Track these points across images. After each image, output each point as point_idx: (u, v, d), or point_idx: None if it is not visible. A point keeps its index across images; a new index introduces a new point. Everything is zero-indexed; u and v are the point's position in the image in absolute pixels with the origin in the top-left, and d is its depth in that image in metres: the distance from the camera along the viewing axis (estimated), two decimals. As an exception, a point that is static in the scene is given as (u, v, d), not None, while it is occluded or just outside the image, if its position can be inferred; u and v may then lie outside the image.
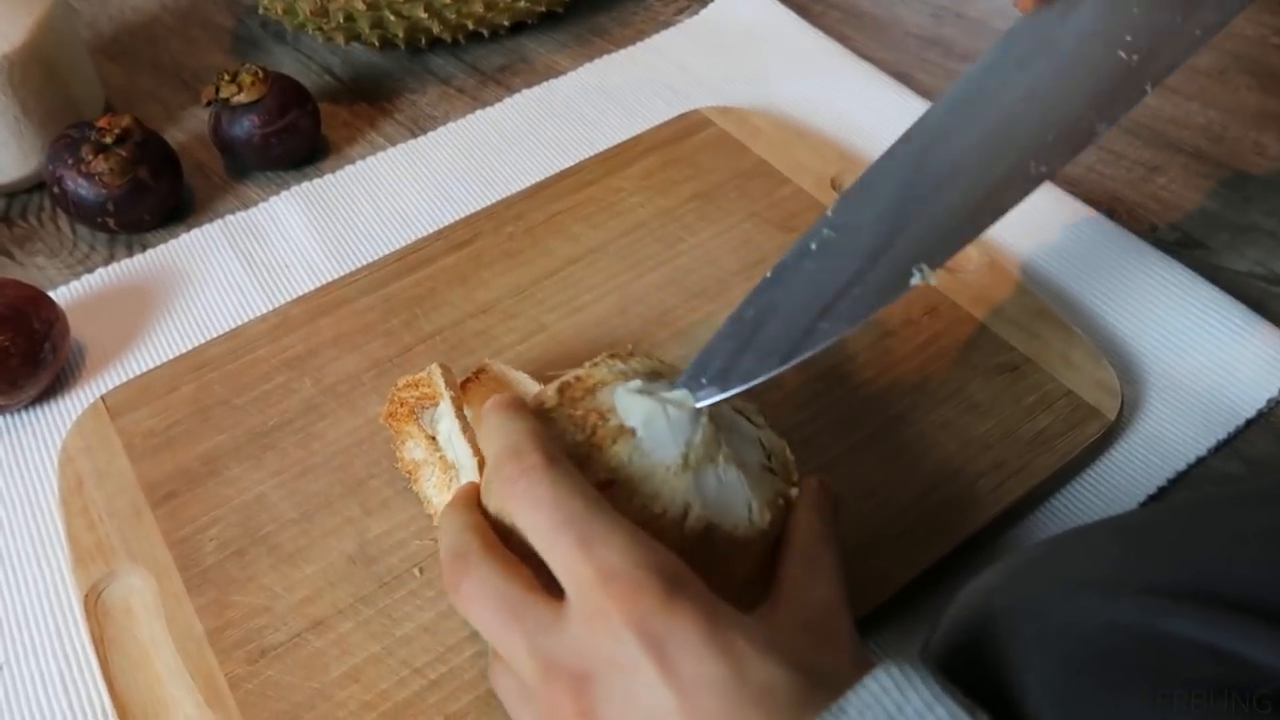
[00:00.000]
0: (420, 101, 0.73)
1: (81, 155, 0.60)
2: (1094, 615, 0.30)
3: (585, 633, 0.28)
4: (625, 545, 0.29)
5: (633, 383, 0.35)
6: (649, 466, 0.34)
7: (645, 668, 0.27)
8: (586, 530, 0.29)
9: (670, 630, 0.27)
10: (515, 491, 0.31)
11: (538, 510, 0.30)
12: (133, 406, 0.50)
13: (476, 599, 0.31)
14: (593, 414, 0.35)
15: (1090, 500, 0.47)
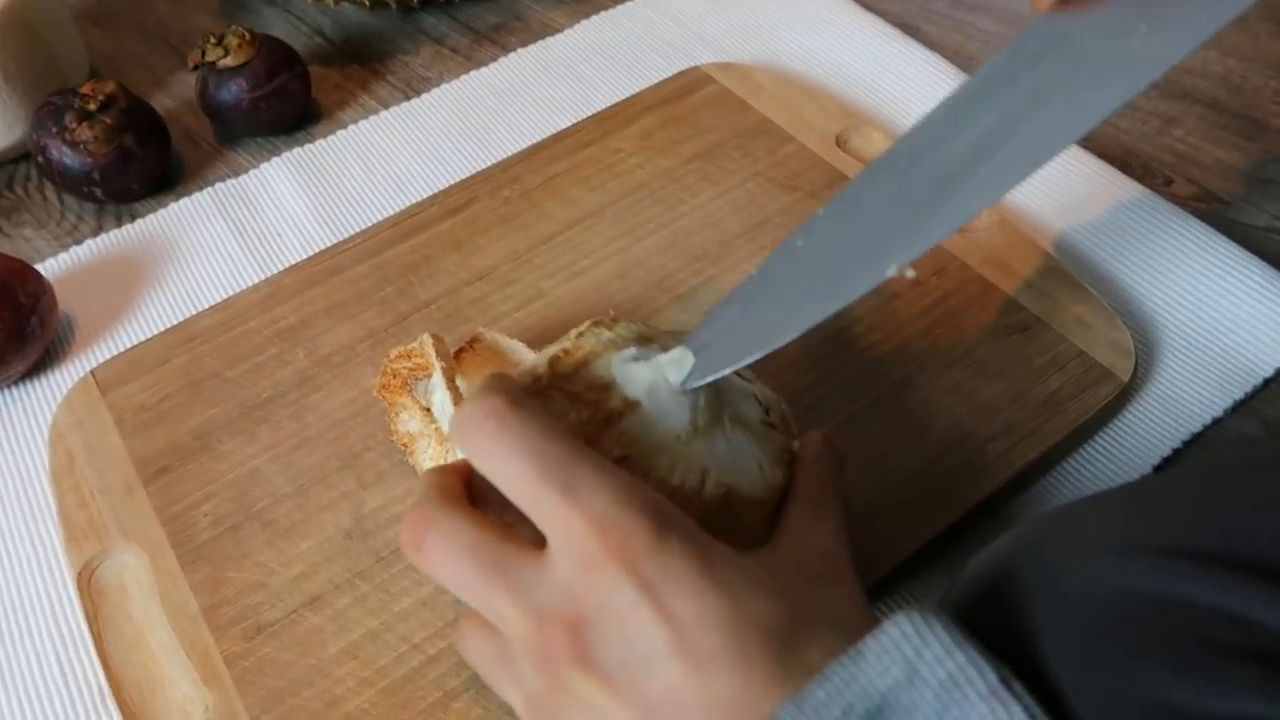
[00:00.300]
0: (413, 62, 0.71)
1: (65, 123, 0.58)
2: (1111, 580, 0.29)
3: (578, 579, 0.27)
4: (613, 490, 0.27)
5: (627, 351, 0.34)
6: (660, 437, 0.32)
7: (642, 610, 0.26)
8: (570, 477, 0.28)
9: (664, 571, 0.27)
10: (482, 436, 0.28)
11: (512, 458, 0.28)
12: (123, 381, 0.49)
13: (445, 554, 0.29)
14: (593, 389, 0.33)
15: (1104, 464, 0.45)
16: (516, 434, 0.28)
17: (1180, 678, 0.26)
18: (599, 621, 0.27)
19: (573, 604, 0.27)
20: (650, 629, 0.26)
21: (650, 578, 0.26)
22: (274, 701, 0.39)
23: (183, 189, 0.63)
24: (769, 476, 0.33)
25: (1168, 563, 0.28)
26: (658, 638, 0.26)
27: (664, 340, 0.36)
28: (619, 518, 0.27)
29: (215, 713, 0.39)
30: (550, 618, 0.27)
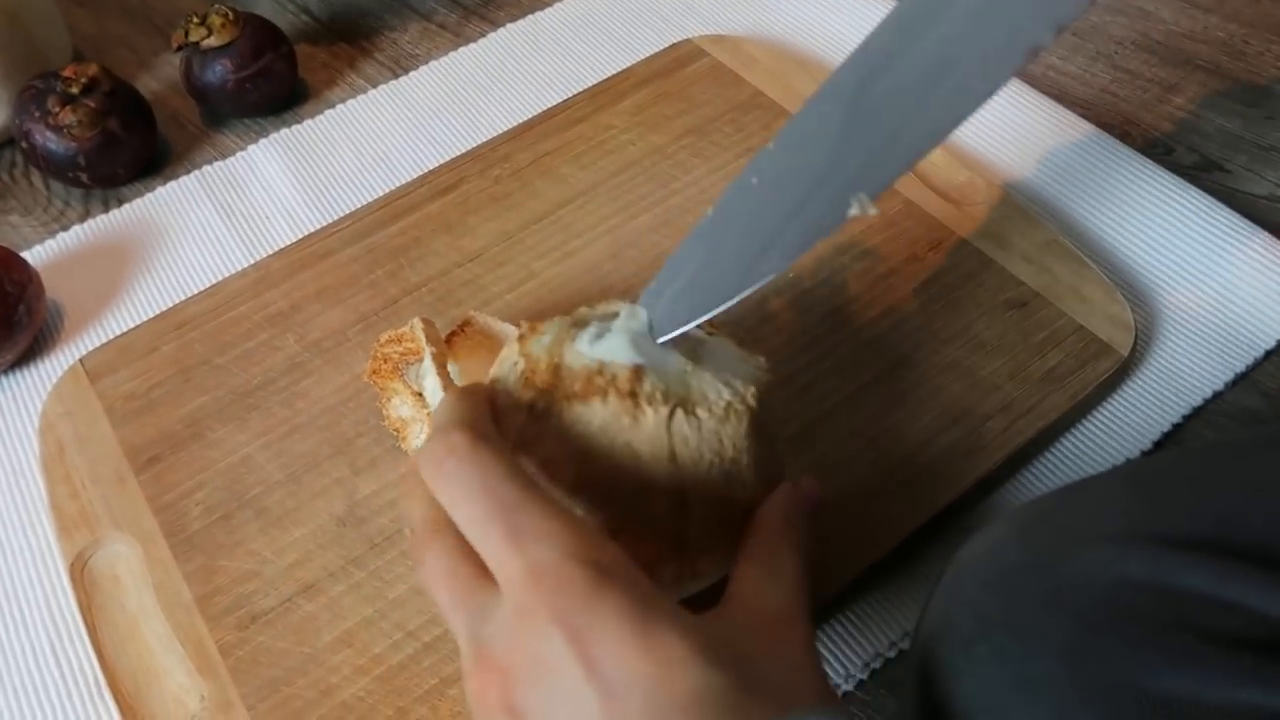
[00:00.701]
0: (401, 40, 0.70)
1: (48, 108, 0.57)
2: (1105, 570, 0.29)
3: (514, 627, 0.27)
4: (556, 536, 0.27)
5: (588, 330, 0.34)
6: (677, 380, 0.33)
7: (570, 667, 0.26)
8: (516, 522, 0.27)
9: (595, 627, 0.26)
10: (441, 474, 0.29)
11: (467, 499, 0.28)
12: (112, 369, 0.49)
13: (433, 576, 0.29)
14: (594, 379, 0.32)
15: (1103, 440, 0.45)
16: (472, 474, 0.28)
17: (1177, 668, 0.26)
18: (531, 675, 0.26)
19: (509, 652, 0.27)
20: (576, 687, 0.25)
21: (580, 631, 0.26)
22: (269, 690, 0.39)
23: (169, 172, 0.62)
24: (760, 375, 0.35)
25: (1162, 551, 0.28)
26: (583, 697, 0.25)
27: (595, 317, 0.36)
28: (557, 567, 0.26)
29: (210, 702, 0.39)
30: (488, 662, 0.27)
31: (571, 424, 0.32)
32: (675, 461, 0.32)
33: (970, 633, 0.30)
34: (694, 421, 0.32)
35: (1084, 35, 0.64)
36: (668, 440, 0.32)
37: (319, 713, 0.38)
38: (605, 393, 0.32)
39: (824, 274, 0.49)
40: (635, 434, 0.32)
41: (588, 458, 0.32)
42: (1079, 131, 0.56)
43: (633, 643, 0.25)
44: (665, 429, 0.32)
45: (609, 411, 0.32)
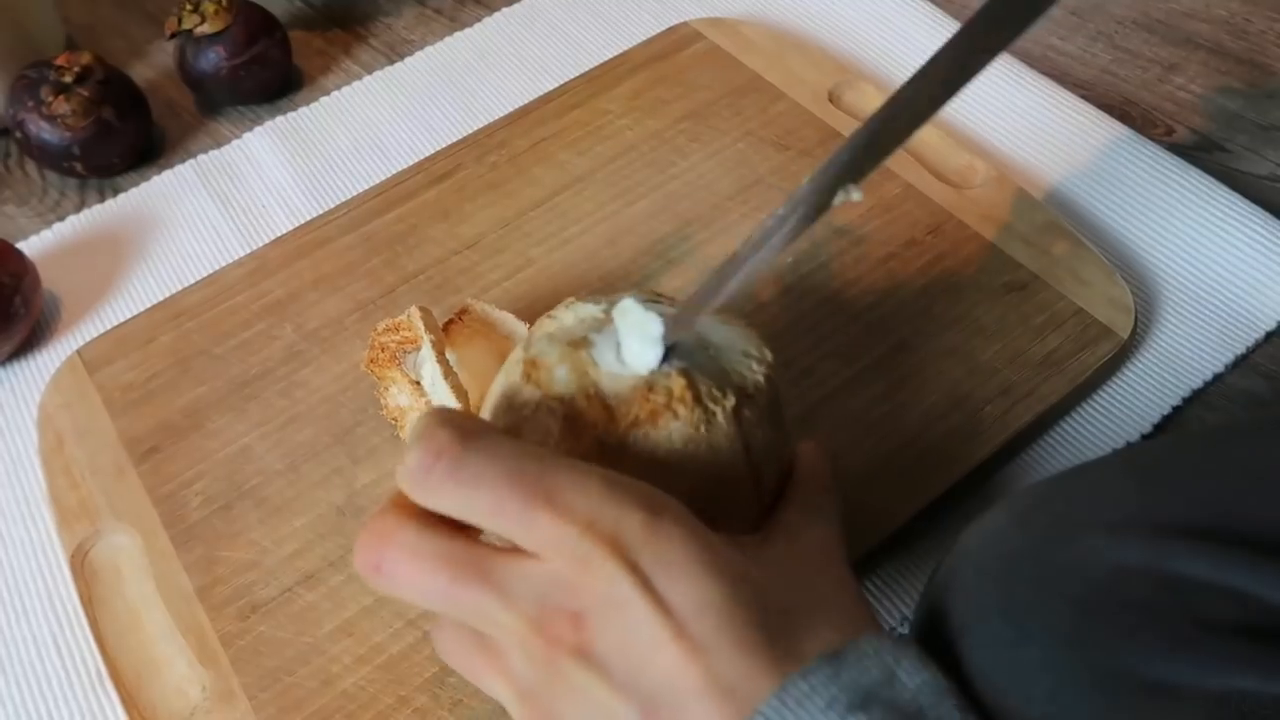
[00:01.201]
0: (396, 25, 0.69)
1: (42, 97, 0.57)
2: (1103, 557, 0.29)
3: (572, 578, 0.26)
4: (596, 487, 0.27)
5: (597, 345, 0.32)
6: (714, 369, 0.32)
7: (638, 602, 0.26)
8: (550, 487, 0.26)
9: (659, 558, 0.26)
10: (437, 479, 0.27)
11: (480, 490, 0.26)
12: (110, 360, 0.49)
13: (411, 567, 0.27)
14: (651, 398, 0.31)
15: (1103, 423, 0.45)
16: (478, 464, 0.27)
17: (1174, 654, 0.26)
18: (601, 613, 0.26)
19: (570, 598, 0.26)
20: (649, 617, 0.26)
21: (646, 567, 0.26)
22: (270, 680, 0.39)
23: (165, 161, 0.62)
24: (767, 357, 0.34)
25: (1160, 538, 0.28)
26: (656, 623, 0.26)
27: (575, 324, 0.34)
28: (607, 512, 0.26)
29: (212, 692, 0.39)
30: (549, 614, 0.26)
31: (653, 450, 0.31)
32: (749, 448, 0.32)
33: (968, 619, 0.30)
34: (751, 404, 0.32)
35: (1084, 15, 0.63)
36: (740, 430, 0.32)
37: (320, 702, 0.38)
38: (673, 409, 0.31)
39: (822, 258, 0.49)
40: (712, 436, 0.31)
41: (681, 473, 0.31)
42: (1079, 112, 0.56)
43: (697, 568, 0.26)
44: (735, 421, 0.32)
45: (684, 425, 0.31)
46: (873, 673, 0.26)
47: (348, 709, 0.38)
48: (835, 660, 0.26)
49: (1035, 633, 0.28)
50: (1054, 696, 0.27)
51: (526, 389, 0.32)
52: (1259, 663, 0.25)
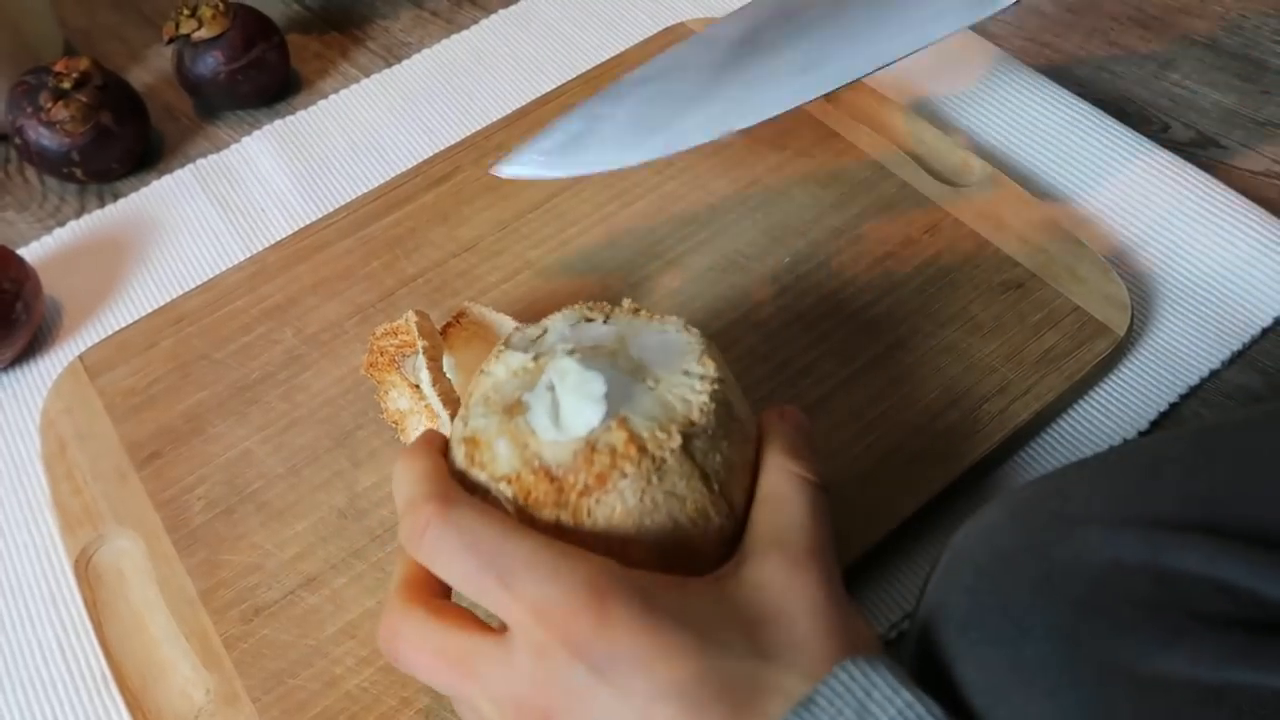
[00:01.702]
0: (393, 28, 0.69)
1: (40, 103, 0.57)
2: (1098, 552, 0.29)
3: (535, 669, 0.28)
4: (548, 569, 0.28)
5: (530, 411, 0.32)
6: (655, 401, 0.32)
7: (598, 693, 0.27)
8: (504, 567, 0.28)
9: (612, 649, 0.27)
10: (424, 552, 0.30)
11: (452, 562, 0.29)
12: (111, 365, 0.49)
13: (417, 660, 0.30)
14: (595, 461, 0.30)
15: (1100, 420, 0.45)
16: (450, 538, 0.29)
17: (1169, 648, 0.26)
18: (564, 708, 0.27)
19: (538, 692, 0.28)
20: (611, 708, 0.27)
21: (599, 659, 0.27)
22: (274, 682, 0.39)
23: (164, 166, 0.62)
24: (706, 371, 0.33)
25: (1155, 533, 0.28)
26: (619, 715, 0.27)
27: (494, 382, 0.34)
28: (556, 600, 0.27)
29: (216, 695, 0.39)
30: (520, 709, 0.28)
31: (609, 516, 0.30)
32: (707, 477, 0.31)
33: (965, 616, 0.30)
34: (700, 432, 0.31)
35: (1079, 11, 0.64)
36: (694, 464, 0.31)
37: (324, 704, 0.38)
38: (619, 468, 0.30)
39: (820, 258, 0.49)
40: (666, 481, 0.31)
41: (642, 531, 0.30)
42: (1074, 109, 0.56)
43: (650, 655, 0.26)
44: (686, 457, 0.31)
45: (633, 480, 0.30)
46: (845, 714, 0.26)
47: (351, 710, 0.38)
48: (806, 712, 0.26)
49: (1033, 628, 0.28)
50: (1053, 693, 0.27)
51: (473, 471, 0.32)
52: (1254, 656, 0.25)
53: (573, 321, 0.35)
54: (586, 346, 0.33)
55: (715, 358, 0.34)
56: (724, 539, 0.32)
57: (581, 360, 0.32)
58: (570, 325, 0.35)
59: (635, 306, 0.36)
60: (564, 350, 0.33)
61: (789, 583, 0.29)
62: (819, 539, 0.31)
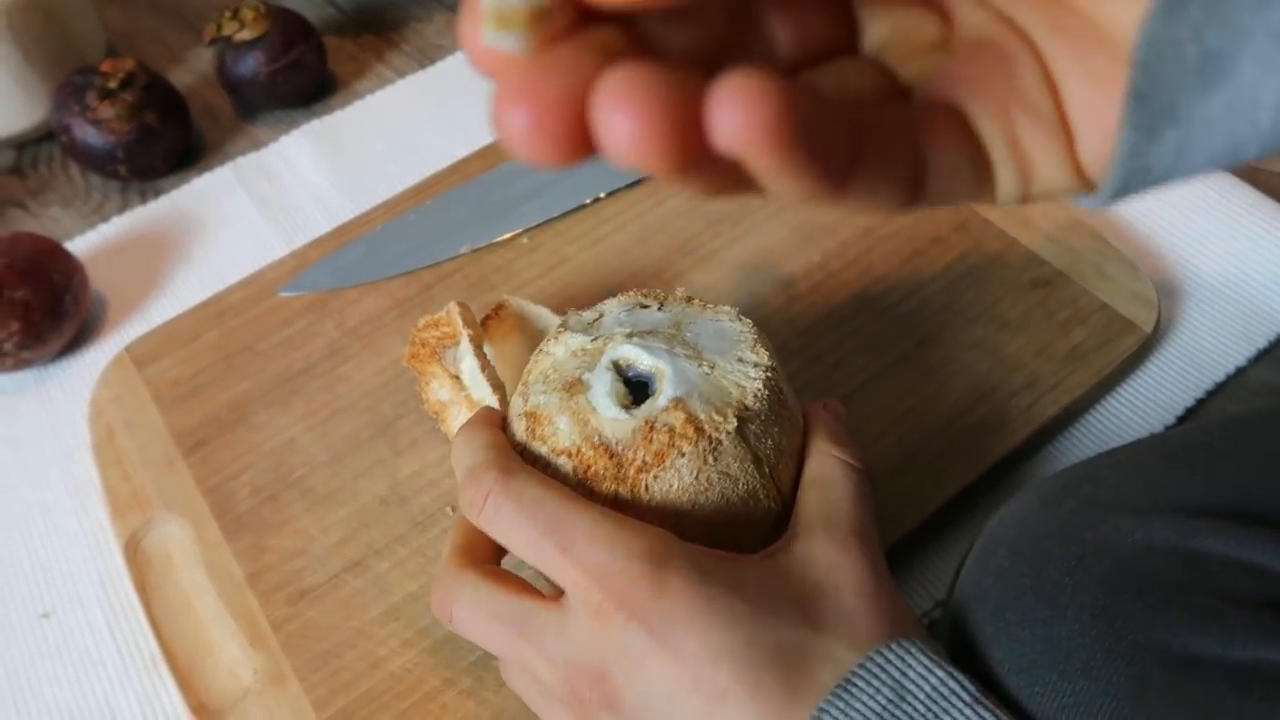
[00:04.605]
0: (427, 30, 0.71)
1: (87, 102, 0.59)
2: (1130, 536, 0.30)
3: (592, 630, 0.28)
4: (607, 538, 0.29)
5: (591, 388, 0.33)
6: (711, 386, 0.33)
7: (654, 654, 0.27)
8: (565, 534, 0.29)
9: (668, 613, 0.28)
10: (484, 518, 0.31)
11: (512, 529, 0.30)
12: (157, 356, 0.50)
13: (472, 623, 0.31)
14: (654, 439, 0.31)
15: (1126, 416, 0.46)
16: (511, 506, 0.30)
17: (1200, 628, 0.27)
18: (619, 667, 0.28)
19: (593, 652, 0.28)
20: (666, 669, 0.27)
21: (655, 622, 0.28)
22: (320, 663, 0.40)
23: (205, 164, 0.63)
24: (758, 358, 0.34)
25: (1186, 518, 0.29)
26: (674, 676, 0.27)
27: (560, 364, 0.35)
28: (615, 566, 0.28)
29: (264, 675, 0.40)
30: (576, 668, 0.29)
31: (665, 492, 0.31)
32: (759, 460, 0.33)
33: (1001, 599, 0.31)
34: (754, 417, 0.32)
35: None
36: (747, 447, 0.32)
37: (369, 684, 0.39)
38: (677, 446, 0.31)
39: (850, 256, 0.50)
40: (721, 462, 0.32)
41: (697, 508, 0.32)
42: (1100, 112, 0.57)
43: (705, 620, 0.27)
44: (740, 440, 0.32)
45: (690, 459, 0.31)
46: (883, 693, 0.27)
47: (395, 690, 0.39)
48: (845, 693, 0.27)
49: (1068, 609, 0.29)
50: (1088, 670, 0.28)
51: (533, 444, 0.33)
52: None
53: (629, 307, 0.36)
54: (644, 330, 0.34)
55: (767, 346, 0.35)
56: (771, 521, 0.33)
57: (640, 343, 0.33)
58: (626, 310, 0.36)
59: (688, 295, 0.37)
60: (623, 334, 0.34)
61: (838, 559, 0.30)
62: (864, 520, 0.32)
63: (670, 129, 0.15)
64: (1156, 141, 0.18)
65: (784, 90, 0.15)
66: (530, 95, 0.17)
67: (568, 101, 0.16)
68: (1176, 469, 0.32)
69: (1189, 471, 0.31)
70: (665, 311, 0.36)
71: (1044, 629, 0.29)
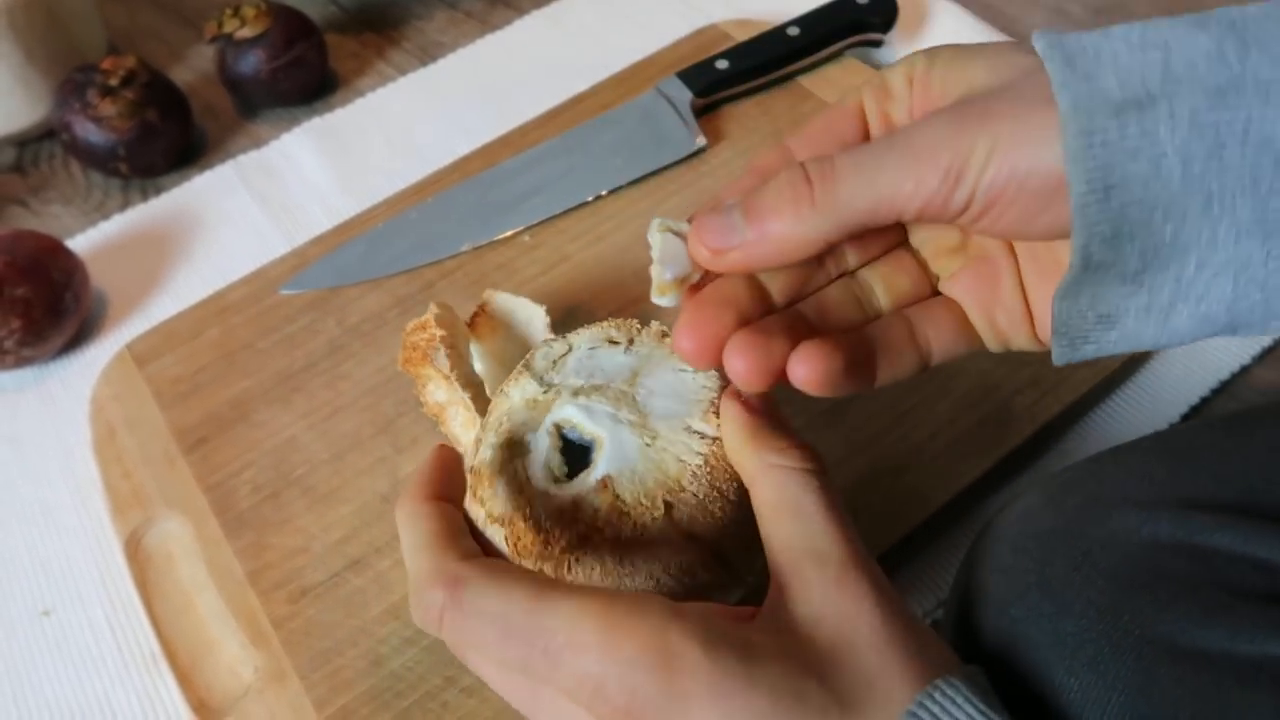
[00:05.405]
0: (428, 28, 0.71)
1: (88, 99, 0.58)
2: (1136, 532, 0.30)
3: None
4: (596, 642, 0.25)
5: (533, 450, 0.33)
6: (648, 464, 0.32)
7: None
8: (547, 645, 0.25)
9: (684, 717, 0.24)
10: (447, 636, 0.27)
11: (485, 647, 0.26)
12: (158, 354, 0.50)
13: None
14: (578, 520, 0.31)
15: (1130, 414, 0.46)
16: (471, 621, 0.26)
17: (1207, 623, 0.27)
18: None
19: None
20: None
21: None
22: (321, 661, 0.40)
23: (205, 162, 0.63)
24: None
25: (1191, 514, 0.29)
26: None
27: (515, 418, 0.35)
28: (612, 676, 0.24)
29: (264, 673, 0.40)
30: None
31: (589, 575, 0.30)
32: (692, 537, 0.31)
33: (1005, 596, 0.30)
34: (689, 500, 0.31)
35: (1107, 13, 0.64)
36: (678, 529, 0.31)
37: (370, 682, 0.39)
38: (601, 531, 0.30)
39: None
40: (649, 543, 0.31)
41: (621, 590, 0.30)
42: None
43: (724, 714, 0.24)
44: (670, 524, 0.31)
45: (614, 545, 0.30)
46: None
47: (397, 688, 0.39)
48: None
49: (1073, 604, 0.29)
50: (1094, 665, 0.27)
51: (473, 505, 0.32)
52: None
53: (594, 344, 0.36)
54: (596, 384, 0.34)
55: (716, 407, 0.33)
56: (718, 590, 0.31)
57: (584, 404, 0.33)
58: (590, 348, 0.35)
59: (663, 330, 0.36)
60: (571, 390, 0.33)
61: (843, 607, 0.26)
62: (848, 538, 0.27)
63: (760, 372, 0.27)
64: (1079, 350, 0.27)
65: (832, 356, 0.27)
66: (689, 334, 0.27)
67: (712, 344, 0.27)
68: (1181, 465, 0.31)
69: (1194, 467, 0.31)
70: (630, 354, 0.35)
71: (1049, 625, 0.29)
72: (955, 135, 0.24)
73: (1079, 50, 0.24)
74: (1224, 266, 0.24)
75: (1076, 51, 0.24)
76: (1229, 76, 0.22)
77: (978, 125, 0.24)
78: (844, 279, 0.30)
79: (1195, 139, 0.23)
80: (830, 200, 0.25)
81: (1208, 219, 0.23)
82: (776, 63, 0.58)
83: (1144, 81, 0.23)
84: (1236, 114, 0.22)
